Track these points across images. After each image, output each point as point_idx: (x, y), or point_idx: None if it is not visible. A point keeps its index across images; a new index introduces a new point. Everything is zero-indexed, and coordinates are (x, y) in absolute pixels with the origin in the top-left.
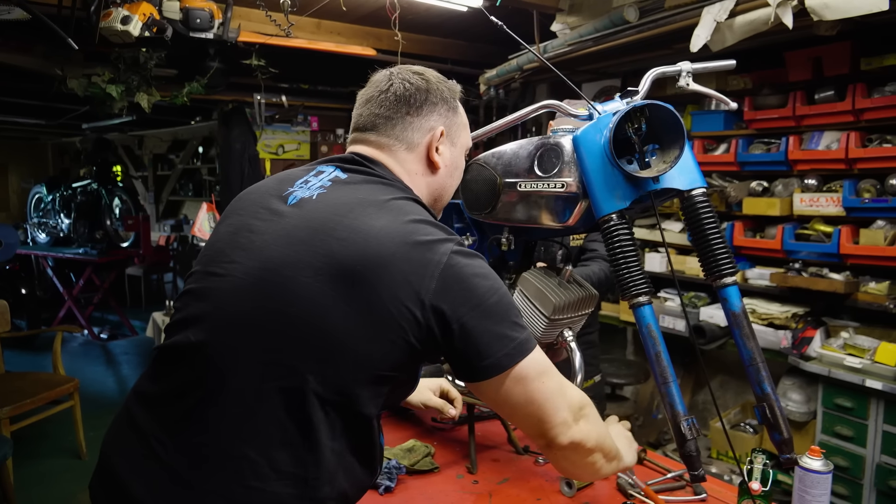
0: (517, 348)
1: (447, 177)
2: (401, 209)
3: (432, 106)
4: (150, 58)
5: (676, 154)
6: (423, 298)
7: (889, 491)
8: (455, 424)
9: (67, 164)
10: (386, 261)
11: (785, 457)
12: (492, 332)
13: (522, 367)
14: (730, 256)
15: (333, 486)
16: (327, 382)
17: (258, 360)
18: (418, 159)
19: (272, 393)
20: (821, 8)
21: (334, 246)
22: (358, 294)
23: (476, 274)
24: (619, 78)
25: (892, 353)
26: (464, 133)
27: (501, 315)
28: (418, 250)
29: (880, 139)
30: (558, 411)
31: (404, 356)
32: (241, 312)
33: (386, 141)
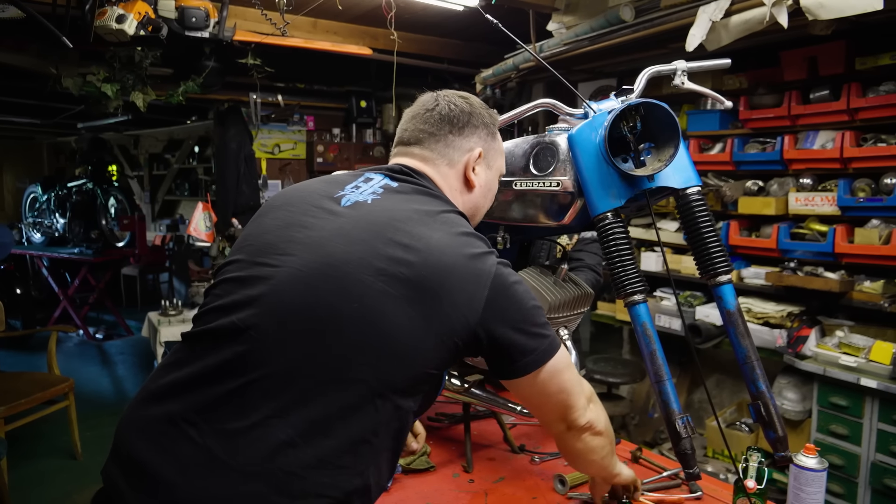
0: (550, 346)
1: (481, 197)
2: (452, 222)
3: (473, 128)
4: (145, 57)
5: (671, 152)
6: (477, 307)
7: (884, 489)
8: (451, 423)
9: (63, 163)
10: (448, 270)
11: (780, 455)
12: (530, 333)
13: (555, 362)
14: (724, 255)
15: (363, 479)
16: (380, 378)
17: (311, 348)
18: (457, 176)
19: (324, 383)
20: (816, 7)
21: (398, 250)
22: (422, 298)
23: (515, 282)
24: (615, 77)
25: (887, 352)
26: (500, 159)
27: (536, 316)
28: (473, 262)
29: (875, 138)
30: (580, 397)
31: (449, 356)
32: (299, 301)
33: (430, 155)
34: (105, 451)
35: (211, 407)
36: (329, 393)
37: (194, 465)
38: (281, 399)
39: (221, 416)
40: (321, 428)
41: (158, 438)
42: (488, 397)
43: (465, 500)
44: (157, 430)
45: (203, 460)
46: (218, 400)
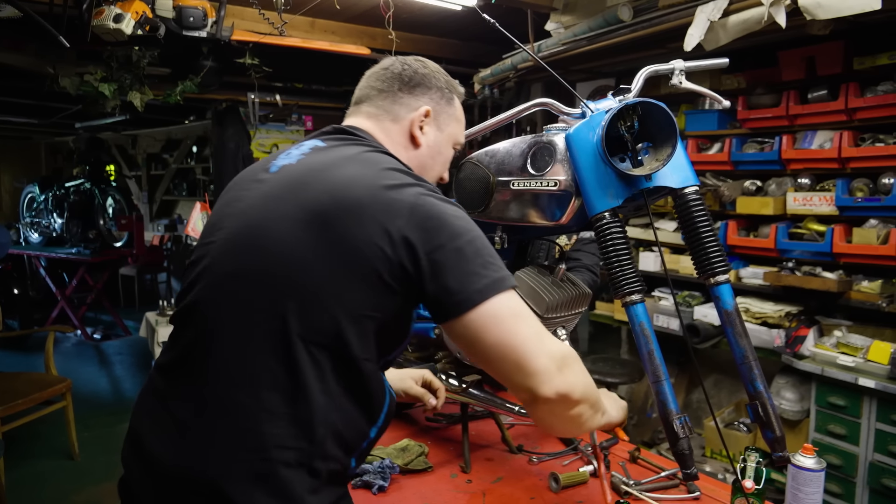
0: (491, 285)
1: (428, 157)
2: (372, 160)
3: (425, 89)
4: (142, 56)
5: (669, 152)
6: (392, 234)
7: (882, 489)
8: (449, 423)
9: (60, 163)
10: (355, 203)
11: (777, 455)
12: (463, 269)
13: (495, 305)
14: (722, 254)
15: (327, 427)
16: (307, 324)
17: (242, 308)
18: (401, 132)
19: (257, 338)
20: (813, 7)
21: (308, 196)
22: (330, 237)
23: (450, 213)
24: (613, 77)
25: (885, 352)
26: (454, 125)
27: (474, 254)
28: (388, 193)
29: (873, 138)
30: (537, 356)
31: (383, 297)
32: (226, 268)
33: (374, 111)
34: (103, 451)
35: (182, 382)
36: (266, 347)
37: (171, 435)
38: (227, 361)
39: (189, 387)
40: (265, 383)
41: (152, 416)
42: (486, 397)
43: (462, 501)
44: (154, 412)
45: (176, 430)
46: (187, 374)
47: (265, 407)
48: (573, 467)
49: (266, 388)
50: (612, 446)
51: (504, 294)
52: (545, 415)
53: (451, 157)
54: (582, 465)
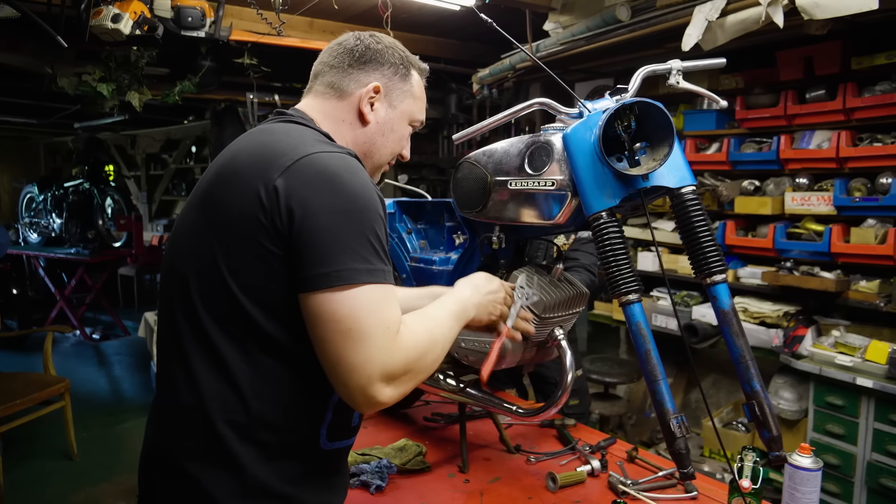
0: (363, 273)
1: (377, 134)
2: (267, 129)
3: (377, 65)
4: (141, 56)
5: (666, 152)
6: (264, 189)
7: (880, 488)
8: (447, 423)
9: (59, 163)
10: (233, 173)
11: (774, 454)
12: (340, 240)
13: (356, 294)
14: (719, 254)
15: (263, 400)
16: (210, 305)
17: (168, 294)
18: (349, 108)
19: (180, 320)
20: (811, 7)
21: (205, 178)
22: (211, 214)
23: (344, 170)
24: (611, 77)
25: (883, 352)
26: (409, 102)
27: (359, 233)
28: (266, 156)
29: (871, 138)
30: (362, 371)
31: (272, 267)
32: (163, 265)
33: (322, 89)
34: (101, 451)
35: (164, 361)
36: (187, 328)
37: (158, 415)
38: (165, 340)
39: (160, 374)
40: (195, 360)
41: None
42: (484, 397)
43: (460, 500)
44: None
45: (157, 414)
46: (167, 355)
47: (201, 384)
48: (571, 467)
49: (199, 368)
50: (609, 446)
51: (374, 287)
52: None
53: (409, 135)
54: (579, 464)
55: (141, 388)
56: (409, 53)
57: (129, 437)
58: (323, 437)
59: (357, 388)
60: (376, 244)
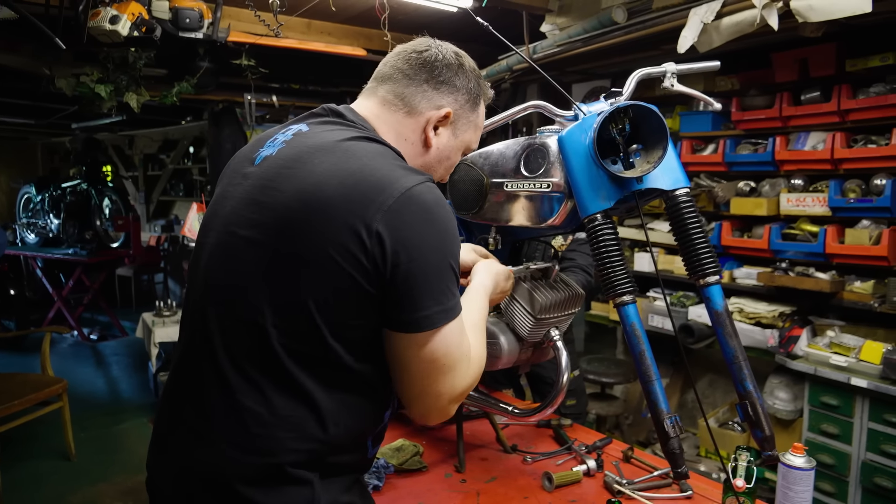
0: (456, 306)
1: (435, 161)
2: (350, 151)
3: (454, 88)
4: (139, 57)
5: (660, 154)
6: (363, 231)
7: (874, 488)
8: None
9: (57, 163)
10: (323, 204)
11: (766, 454)
12: (437, 281)
13: (446, 334)
14: (713, 256)
15: (339, 426)
16: (288, 336)
17: (227, 319)
18: (414, 128)
19: (247, 347)
20: (805, 10)
21: (280, 201)
22: (296, 246)
23: (435, 205)
24: (608, 78)
25: (877, 352)
26: (471, 132)
27: (449, 267)
28: (362, 189)
29: (865, 140)
30: (445, 397)
31: (364, 305)
32: (209, 277)
33: (391, 98)
34: (99, 451)
35: (189, 388)
36: (257, 356)
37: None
38: (226, 370)
39: (196, 394)
40: (267, 389)
41: (168, 419)
42: (480, 398)
43: (457, 500)
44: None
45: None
46: (192, 380)
47: (272, 412)
48: (567, 467)
49: (269, 395)
50: (605, 446)
51: (459, 318)
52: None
53: (457, 160)
54: (575, 464)
55: (138, 389)
56: (483, 80)
57: (127, 438)
58: (370, 445)
59: (437, 410)
60: (457, 273)
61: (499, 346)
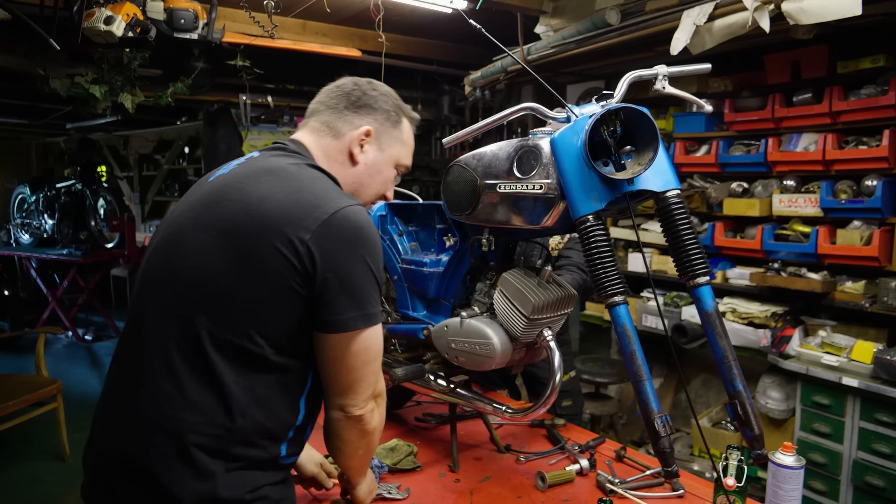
0: (375, 315)
1: (365, 175)
2: (293, 174)
3: (371, 110)
4: (133, 58)
5: (651, 156)
6: (297, 244)
7: (865, 486)
8: (438, 423)
9: (51, 164)
10: (265, 215)
11: (756, 453)
12: (362, 288)
13: (370, 336)
14: (703, 257)
15: (247, 419)
16: (217, 326)
17: (161, 311)
18: (340, 149)
19: (175, 336)
20: (796, 12)
21: (225, 206)
22: (237, 247)
23: (364, 223)
24: (602, 79)
25: (868, 351)
26: (398, 147)
27: (371, 280)
28: (302, 206)
29: (856, 141)
30: (367, 387)
31: (293, 303)
32: (148, 274)
33: (318, 126)
34: None
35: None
36: (183, 344)
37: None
38: (155, 354)
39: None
40: (185, 375)
41: (102, 411)
42: (475, 398)
43: (450, 500)
44: (103, 405)
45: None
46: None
47: (185, 396)
48: (560, 466)
49: (185, 380)
50: (598, 445)
51: (377, 328)
52: (341, 429)
53: (394, 178)
54: (568, 464)
55: None
56: (401, 102)
57: None
58: (283, 451)
59: (364, 398)
60: (380, 286)
61: (492, 346)
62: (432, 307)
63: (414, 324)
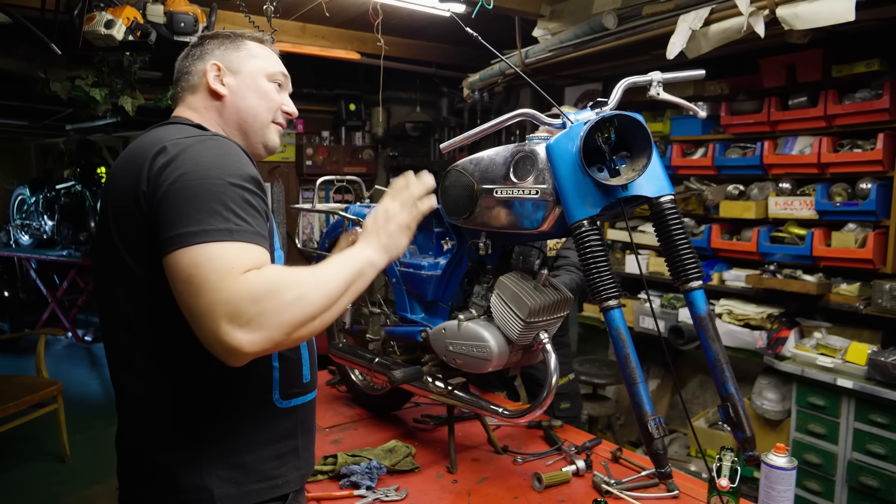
0: (209, 233)
1: (238, 99)
2: (148, 137)
3: (204, 53)
4: (133, 61)
5: (644, 163)
6: (141, 186)
7: (860, 487)
8: (436, 425)
9: (51, 165)
10: (110, 180)
11: (748, 454)
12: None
13: (200, 250)
14: (696, 261)
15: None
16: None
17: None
18: (203, 96)
19: (108, 321)
20: (791, 17)
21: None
22: (105, 219)
23: (198, 148)
24: (600, 82)
25: (862, 353)
26: (254, 62)
27: (218, 195)
28: (136, 153)
29: (851, 144)
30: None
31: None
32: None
33: (180, 94)
34: (94, 453)
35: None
36: (113, 327)
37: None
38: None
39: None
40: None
41: None
42: (472, 400)
43: (448, 500)
44: None
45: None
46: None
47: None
48: (556, 467)
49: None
50: (595, 446)
51: (223, 245)
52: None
53: (276, 90)
54: (565, 464)
55: None
56: (234, 31)
57: None
58: (276, 396)
59: (210, 334)
60: (237, 202)
61: (488, 348)
62: (430, 310)
63: (412, 326)
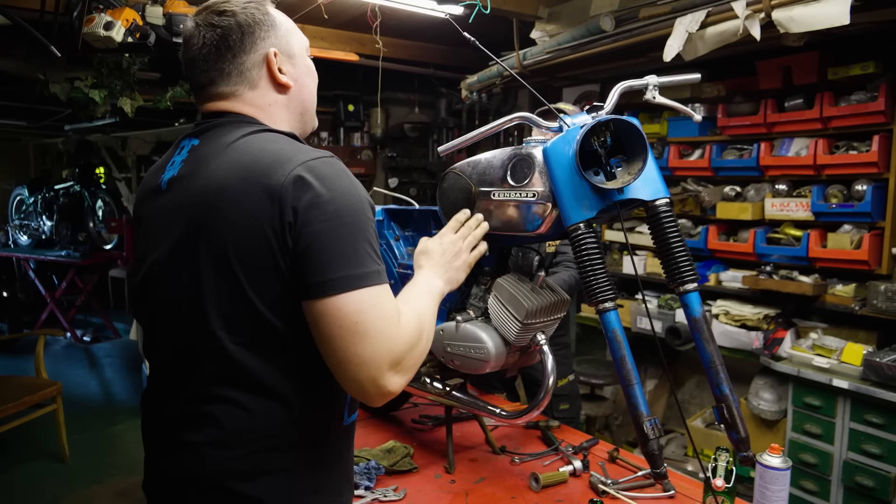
0: (371, 275)
1: (302, 88)
2: (241, 148)
3: (251, 36)
4: (133, 63)
5: (640, 166)
6: (272, 213)
7: (855, 486)
8: (434, 425)
9: (49, 165)
10: (223, 203)
11: (742, 455)
12: (339, 250)
13: (367, 295)
14: (691, 264)
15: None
16: (233, 330)
17: (175, 335)
18: (266, 90)
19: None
20: (787, 21)
21: (189, 211)
22: (210, 244)
23: (333, 176)
24: (597, 83)
25: (858, 354)
26: (293, 39)
27: (360, 234)
28: (256, 176)
29: (846, 146)
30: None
31: (282, 285)
32: (157, 305)
33: (229, 90)
34: (93, 453)
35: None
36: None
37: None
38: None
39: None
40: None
41: None
42: (470, 400)
43: (446, 500)
44: None
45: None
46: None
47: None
48: (554, 467)
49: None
50: (592, 447)
51: (380, 287)
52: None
53: (312, 63)
54: (562, 465)
55: (132, 391)
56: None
57: (121, 440)
58: (345, 415)
59: (369, 381)
60: (371, 241)
61: (486, 349)
62: None
63: None
